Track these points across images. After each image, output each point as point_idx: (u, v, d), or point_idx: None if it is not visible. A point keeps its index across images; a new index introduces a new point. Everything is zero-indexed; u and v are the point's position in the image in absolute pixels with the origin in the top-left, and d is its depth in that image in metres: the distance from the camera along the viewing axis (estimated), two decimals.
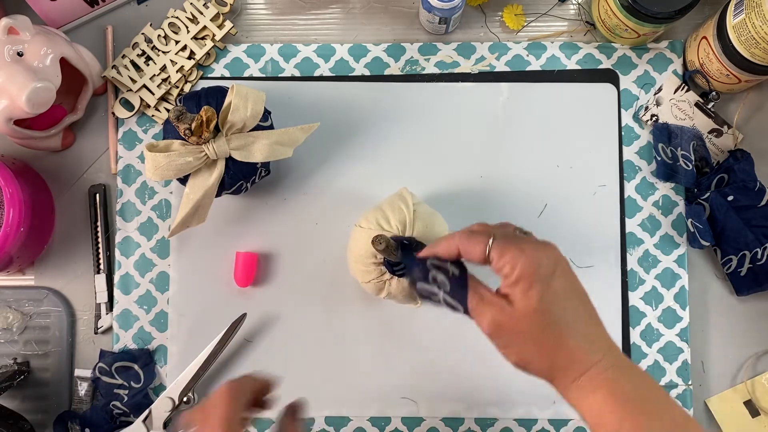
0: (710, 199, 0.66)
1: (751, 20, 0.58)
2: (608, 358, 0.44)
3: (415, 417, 0.67)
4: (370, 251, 0.57)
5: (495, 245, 0.45)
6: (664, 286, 0.68)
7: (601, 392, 0.43)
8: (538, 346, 0.44)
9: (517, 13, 0.71)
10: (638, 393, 0.43)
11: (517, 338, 0.45)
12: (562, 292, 0.44)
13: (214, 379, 0.68)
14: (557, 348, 0.44)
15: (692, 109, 0.68)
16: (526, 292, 0.43)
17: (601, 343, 0.45)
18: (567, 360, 0.44)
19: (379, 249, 0.52)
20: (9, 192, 0.62)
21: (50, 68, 0.61)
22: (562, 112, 0.70)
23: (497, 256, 0.44)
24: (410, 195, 0.60)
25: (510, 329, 0.45)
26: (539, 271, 0.44)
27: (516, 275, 0.44)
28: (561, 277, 0.45)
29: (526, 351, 0.45)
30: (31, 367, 0.68)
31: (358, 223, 0.61)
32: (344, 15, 0.72)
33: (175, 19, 0.70)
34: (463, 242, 0.46)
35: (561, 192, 0.69)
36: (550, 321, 0.44)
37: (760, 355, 0.67)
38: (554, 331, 0.44)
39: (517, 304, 0.44)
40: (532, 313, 0.44)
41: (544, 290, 0.44)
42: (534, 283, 0.43)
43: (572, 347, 0.44)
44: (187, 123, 0.57)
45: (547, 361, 0.45)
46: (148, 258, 0.69)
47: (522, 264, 0.44)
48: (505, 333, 0.45)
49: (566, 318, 0.44)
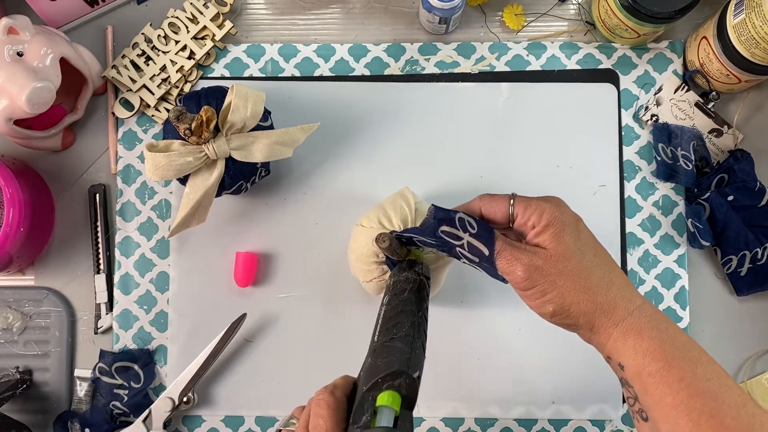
0: (710, 199, 0.66)
1: (751, 20, 0.58)
2: (648, 305, 0.44)
3: (416, 417, 0.67)
4: (372, 250, 0.57)
5: (518, 201, 0.46)
6: (664, 286, 0.68)
7: (646, 335, 0.42)
8: (580, 285, 0.43)
9: (517, 13, 0.71)
10: (682, 340, 0.42)
11: (558, 280, 0.43)
12: (591, 240, 0.46)
13: (214, 379, 0.68)
14: (599, 288, 0.43)
15: (692, 109, 0.68)
16: (559, 236, 0.44)
17: (637, 292, 0.45)
18: (609, 302, 0.43)
19: (383, 247, 0.52)
20: (9, 192, 0.62)
21: (50, 68, 0.61)
22: (562, 112, 0.70)
23: (522, 210, 0.46)
24: (412, 194, 0.60)
25: (549, 271, 0.44)
26: (565, 218, 0.45)
27: (544, 222, 0.45)
28: (585, 228, 0.46)
29: (568, 293, 0.43)
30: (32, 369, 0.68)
31: (360, 222, 0.61)
32: (344, 15, 0.72)
33: (175, 19, 0.70)
34: (485, 203, 0.47)
35: (561, 192, 0.68)
36: (588, 263, 0.44)
37: (760, 355, 0.67)
38: (594, 272, 0.44)
39: (551, 248, 0.44)
40: (569, 253, 0.44)
41: (576, 234, 0.45)
42: (565, 227, 0.44)
43: (614, 290, 0.43)
44: (187, 123, 0.57)
45: (591, 303, 0.43)
46: (148, 258, 0.69)
47: (548, 211, 0.45)
48: (544, 276, 0.44)
49: (602, 262, 0.44)
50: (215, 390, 0.68)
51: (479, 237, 0.46)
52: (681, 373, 0.40)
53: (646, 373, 0.41)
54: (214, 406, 0.68)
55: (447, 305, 0.67)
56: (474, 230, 0.46)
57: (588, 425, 0.67)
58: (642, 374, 0.41)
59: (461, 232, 0.46)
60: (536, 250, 0.45)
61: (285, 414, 0.67)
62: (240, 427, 0.68)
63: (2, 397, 0.63)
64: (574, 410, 0.67)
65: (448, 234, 0.46)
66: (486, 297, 0.67)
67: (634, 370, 0.42)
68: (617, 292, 0.43)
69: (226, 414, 0.68)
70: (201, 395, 0.67)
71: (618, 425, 0.67)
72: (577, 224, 0.46)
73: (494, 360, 0.67)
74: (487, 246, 0.45)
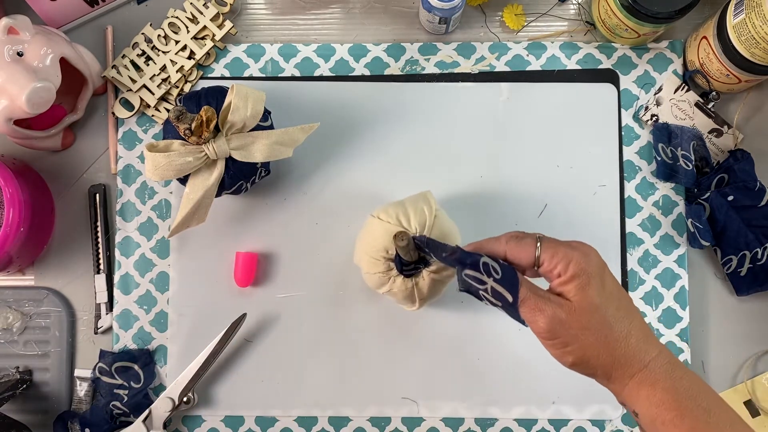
0: (710, 199, 0.66)
1: (751, 20, 0.58)
2: (664, 355, 0.44)
3: (415, 417, 0.67)
4: (383, 244, 0.57)
5: (544, 247, 0.45)
6: (664, 286, 0.68)
7: (660, 387, 0.43)
8: (600, 341, 0.44)
9: (517, 13, 0.71)
10: (696, 390, 0.43)
11: (580, 334, 0.44)
12: (615, 290, 0.45)
13: (214, 379, 0.68)
14: (618, 342, 0.44)
15: (692, 109, 0.68)
16: (584, 289, 0.43)
17: (655, 341, 0.45)
18: (627, 355, 0.44)
19: (400, 245, 0.52)
20: (9, 192, 0.62)
21: (50, 68, 0.61)
22: (562, 112, 0.70)
23: (548, 257, 0.45)
24: (434, 200, 0.60)
25: (571, 325, 0.44)
26: (591, 269, 0.44)
27: (570, 273, 0.44)
28: (610, 276, 0.45)
29: (589, 347, 0.44)
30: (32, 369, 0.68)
31: (377, 215, 0.60)
32: (344, 15, 0.72)
33: (175, 19, 0.70)
34: (511, 247, 0.46)
35: (561, 192, 0.69)
36: (610, 317, 0.44)
37: (760, 355, 0.67)
38: (615, 326, 0.44)
39: (575, 301, 0.44)
40: (593, 308, 0.43)
41: (600, 287, 0.44)
42: (591, 279, 0.44)
43: (632, 343, 0.44)
44: (187, 123, 0.57)
45: (609, 357, 0.44)
46: (148, 258, 0.69)
47: (576, 261, 0.44)
48: (566, 329, 0.44)
49: (623, 314, 0.44)
50: (215, 390, 0.68)
51: (504, 283, 0.45)
52: (694, 422, 0.42)
53: (659, 422, 0.43)
54: (214, 406, 0.68)
55: (447, 306, 0.67)
56: (498, 275, 0.45)
57: (588, 425, 0.67)
58: (656, 422, 0.43)
59: (485, 276, 0.45)
60: (560, 301, 0.44)
61: (285, 414, 0.67)
62: (240, 427, 0.68)
63: (2, 397, 0.63)
64: (574, 410, 0.67)
65: (471, 278, 0.46)
66: None
67: (648, 419, 0.44)
68: (635, 345, 0.44)
69: (226, 414, 0.68)
70: (201, 395, 0.67)
71: (618, 425, 0.67)
72: (603, 275, 0.45)
73: (494, 360, 0.67)
74: (511, 293, 0.45)
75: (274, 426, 0.67)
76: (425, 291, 0.59)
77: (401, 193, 0.63)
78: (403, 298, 0.60)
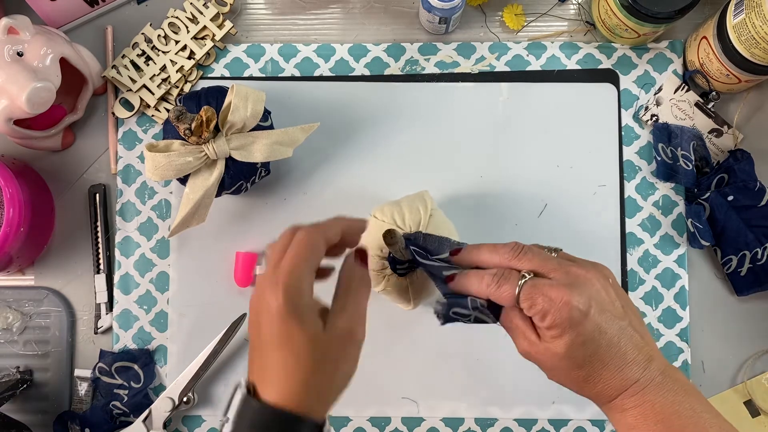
0: (710, 199, 0.66)
1: (751, 20, 0.58)
2: (647, 375, 0.43)
3: (415, 417, 0.67)
4: (377, 242, 0.57)
5: (523, 295, 0.44)
6: (664, 286, 0.68)
7: (635, 411, 0.43)
8: (567, 378, 0.45)
9: (517, 13, 0.71)
10: (672, 409, 0.43)
11: (547, 368, 0.46)
12: (595, 330, 0.43)
13: (214, 379, 0.68)
14: (588, 380, 0.44)
15: (692, 109, 0.68)
16: (556, 340, 0.44)
17: (635, 366, 0.43)
18: (600, 387, 0.44)
19: (390, 243, 0.52)
20: (9, 192, 0.62)
21: (50, 68, 0.61)
22: (562, 112, 0.70)
23: (527, 307, 0.44)
24: (431, 199, 0.60)
25: (538, 360, 0.46)
26: (570, 319, 0.43)
27: (547, 324, 0.43)
28: (596, 314, 0.43)
29: (557, 377, 0.46)
30: (32, 369, 0.68)
31: (373, 213, 0.60)
32: (344, 15, 0.72)
33: (175, 19, 0.70)
34: (492, 291, 0.46)
35: (561, 192, 0.69)
36: (580, 362, 0.44)
37: (760, 355, 0.67)
38: (584, 369, 0.44)
39: (545, 343, 0.44)
40: (560, 357, 0.44)
41: (574, 337, 0.43)
42: (565, 332, 0.43)
43: (605, 377, 0.44)
44: (187, 123, 0.57)
45: (577, 389, 0.46)
46: (148, 258, 0.69)
47: (552, 315, 0.43)
48: (534, 361, 0.46)
49: (599, 353, 0.43)
50: (215, 390, 0.68)
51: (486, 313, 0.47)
52: None
53: None
54: (214, 406, 0.68)
55: None
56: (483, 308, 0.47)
57: (588, 425, 0.67)
58: None
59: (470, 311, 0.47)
60: (533, 339, 0.45)
61: None
62: None
63: (2, 397, 0.63)
64: (574, 410, 0.67)
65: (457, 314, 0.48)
66: None
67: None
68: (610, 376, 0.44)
69: None
70: (201, 395, 0.67)
71: None
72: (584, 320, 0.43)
73: (495, 360, 0.67)
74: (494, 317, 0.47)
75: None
76: (419, 290, 0.59)
77: (401, 193, 0.63)
78: (398, 296, 0.60)
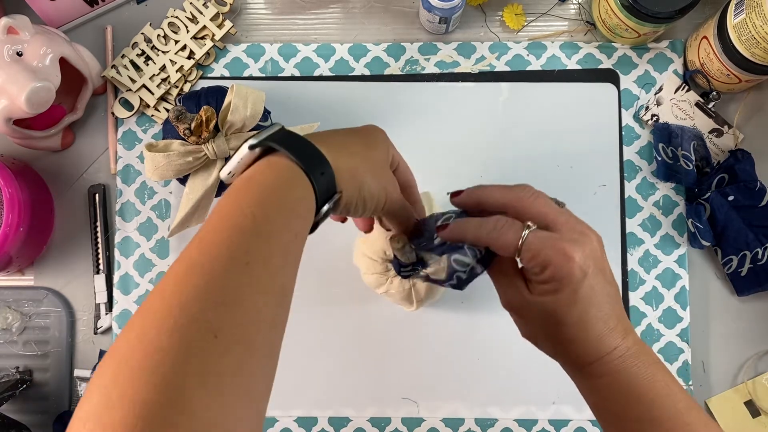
0: (711, 199, 0.66)
1: (751, 20, 0.58)
2: (621, 347, 0.43)
3: (415, 417, 0.67)
4: (381, 245, 0.57)
5: (527, 245, 0.42)
6: (664, 286, 0.68)
7: (609, 379, 0.42)
8: (547, 336, 0.44)
9: (518, 13, 0.71)
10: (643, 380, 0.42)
11: (528, 322, 0.44)
12: (588, 293, 0.42)
13: None
14: (567, 342, 0.43)
15: (693, 108, 0.68)
16: (548, 294, 0.42)
17: (616, 333, 0.43)
18: (576, 352, 0.43)
19: (396, 247, 0.52)
20: (9, 192, 0.62)
21: (50, 68, 0.61)
22: (562, 112, 0.69)
23: (528, 257, 0.42)
24: (433, 200, 0.60)
25: (522, 314, 0.44)
26: (570, 276, 0.41)
27: (544, 277, 0.42)
28: (592, 277, 0.42)
29: (535, 334, 0.45)
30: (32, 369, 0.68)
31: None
32: (344, 15, 0.72)
33: (175, 18, 0.70)
34: (493, 237, 0.44)
35: (561, 192, 0.68)
36: (565, 322, 0.42)
37: (761, 355, 0.67)
38: (567, 329, 0.43)
39: (535, 297, 0.43)
40: (548, 313, 0.43)
41: (569, 294, 0.42)
42: (562, 288, 0.41)
43: (583, 342, 0.42)
44: (187, 123, 0.57)
45: (553, 350, 0.44)
46: (148, 258, 0.69)
47: (553, 268, 0.41)
48: (517, 313, 0.45)
49: (585, 317, 0.42)
50: None
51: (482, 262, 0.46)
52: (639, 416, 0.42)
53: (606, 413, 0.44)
54: None
55: (447, 306, 0.67)
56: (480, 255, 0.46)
57: (588, 425, 0.67)
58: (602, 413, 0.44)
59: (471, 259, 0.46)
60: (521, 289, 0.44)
61: (285, 414, 0.67)
62: None
63: (2, 397, 0.63)
64: (574, 410, 0.67)
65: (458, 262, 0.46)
66: (486, 297, 0.67)
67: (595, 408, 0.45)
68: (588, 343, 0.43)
69: None
70: None
71: None
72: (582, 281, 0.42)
73: (495, 360, 0.67)
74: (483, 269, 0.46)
75: (274, 426, 0.67)
76: (423, 292, 0.59)
77: None
78: (400, 298, 0.60)
